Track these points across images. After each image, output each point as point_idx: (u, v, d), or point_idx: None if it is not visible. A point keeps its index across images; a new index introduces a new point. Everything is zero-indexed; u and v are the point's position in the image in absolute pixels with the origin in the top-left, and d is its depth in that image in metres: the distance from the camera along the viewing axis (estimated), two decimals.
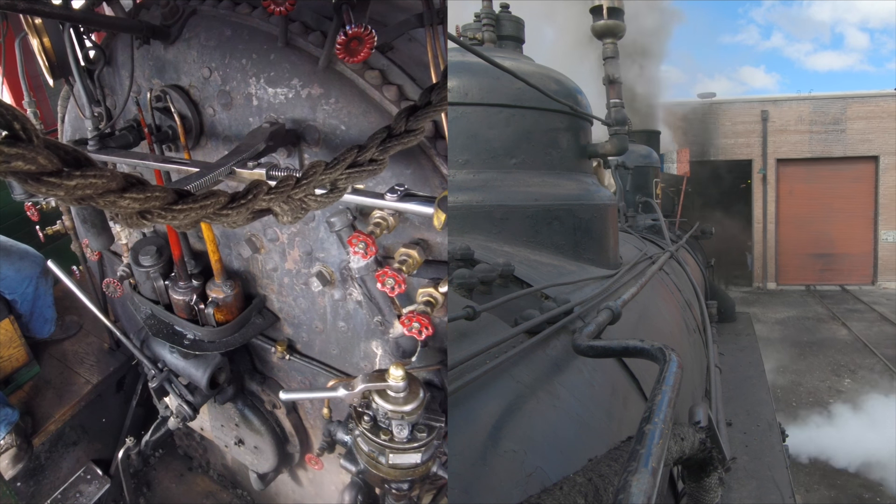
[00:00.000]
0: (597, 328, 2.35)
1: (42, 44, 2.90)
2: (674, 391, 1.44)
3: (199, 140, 2.95)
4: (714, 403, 4.02)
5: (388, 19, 2.66)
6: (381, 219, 2.46)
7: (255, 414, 3.81)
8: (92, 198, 1.01)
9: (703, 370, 4.82)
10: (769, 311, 16.87)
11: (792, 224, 20.60)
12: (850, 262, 20.27)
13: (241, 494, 5.02)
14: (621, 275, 3.86)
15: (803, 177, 20.39)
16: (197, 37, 2.78)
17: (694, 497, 1.96)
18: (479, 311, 2.16)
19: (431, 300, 2.48)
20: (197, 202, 1.17)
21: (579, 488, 1.35)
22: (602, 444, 1.92)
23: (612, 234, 4.49)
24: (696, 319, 5.51)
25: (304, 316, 3.20)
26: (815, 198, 20.40)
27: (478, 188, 3.92)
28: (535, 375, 2.08)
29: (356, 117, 2.49)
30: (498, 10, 5.04)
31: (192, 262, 3.26)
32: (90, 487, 4.67)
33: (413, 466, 2.55)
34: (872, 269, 20.10)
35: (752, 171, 20.67)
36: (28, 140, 0.90)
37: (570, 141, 4.34)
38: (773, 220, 20.69)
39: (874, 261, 20.05)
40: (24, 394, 4.53)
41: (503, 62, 3.41)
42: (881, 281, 19.87)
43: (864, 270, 20.21)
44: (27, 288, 4.43)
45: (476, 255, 2.88)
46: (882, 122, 19.35)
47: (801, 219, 20.53)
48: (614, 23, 4.63)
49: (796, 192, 20.54)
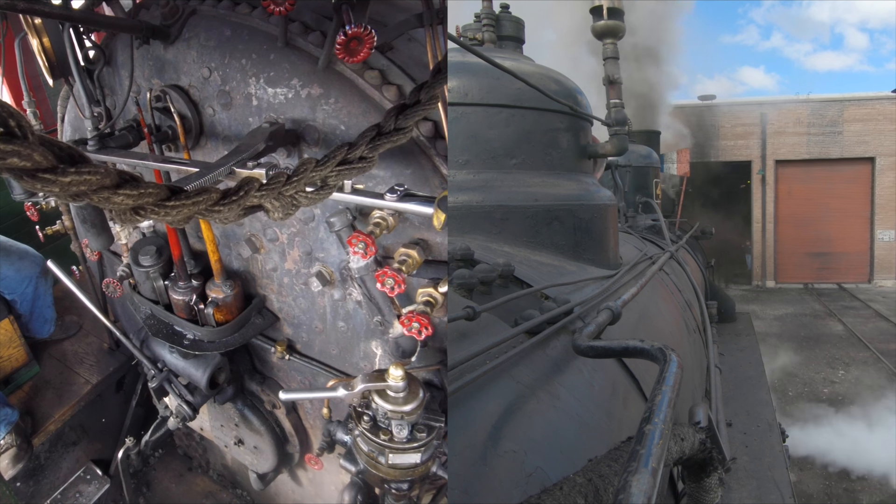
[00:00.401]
0: (597, 328, 2.35)
1: (42, 44, 2.89)
2: (674, 391, 1.44)
3: (198, 140, 2.94)
4: (714, 404, 4.02)
5: (388, 19, 2.66)
6: (381, 219, 2.46)
7: (254, 414, 3.81)
8: (86, 194, 1.02)
9: (704, 370, 4.82)
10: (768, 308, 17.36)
11: (790, 224, 21.08)
12: (847, 261, 20.77)
13: (241, 494, 5.01)
14: (621, 275, 3.86)
15: (801, 178, 20.89)
16: (197, 37, 2.78)
17: (694, 497, 1.96)
18: (480, 312, 2.16)
19: (431, 300, 2.48)
20: (189, 198, 1.18)
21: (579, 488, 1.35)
22: (602, 444, 1.92)
23: (612, 234, 4.49)
24: (696, 320, 5.51)
25: (304, 316, 3.20)
26: (812, 198, 20.90)
27: (478, 188, 3.92)
28: (535, 376, 2.08)
29: (356, 117, 2.48)
30: (498, 10, 5.04)
31: (191, 262, 3.26)
32: (90, 487, 4.67)
33: (413, 466, 2.55)
34: (869, 267, 20.64)
35: (752, 172, 21.13)
36: (23, 137, 0.91)
37: (570, 141, 4.34)
38: (772, 219, 21.18)
39: (871, 259, 20.59)
40: (24, 394, 4.53)
41: (503, 62, 3.41)
42: (877, 279, 20.43)
43: (860, 269, 20.75)
44: (27, 288, 4.43)
45: (476, 256, 2.88)
46: (878, 125, 19.84)
47: (799, 218, 20.99)
48: (614, 23, 4.64)
49: (794, 192, 21.03)
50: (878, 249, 20.39)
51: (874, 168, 20.20)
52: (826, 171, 20.63)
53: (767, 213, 21.13)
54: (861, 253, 20.71)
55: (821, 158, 20.51)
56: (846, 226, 20.66)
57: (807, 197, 20.93)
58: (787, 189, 21.07)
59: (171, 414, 3.84)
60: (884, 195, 20.22)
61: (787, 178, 21.03)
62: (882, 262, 20.30)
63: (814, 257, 21.03)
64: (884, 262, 20.28)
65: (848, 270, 20.78)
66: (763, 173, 20.89)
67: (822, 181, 20.75)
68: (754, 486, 4.40)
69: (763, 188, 21.10)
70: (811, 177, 20.79)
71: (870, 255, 20.57)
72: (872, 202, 20.46)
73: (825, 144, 20.35)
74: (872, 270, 20.54)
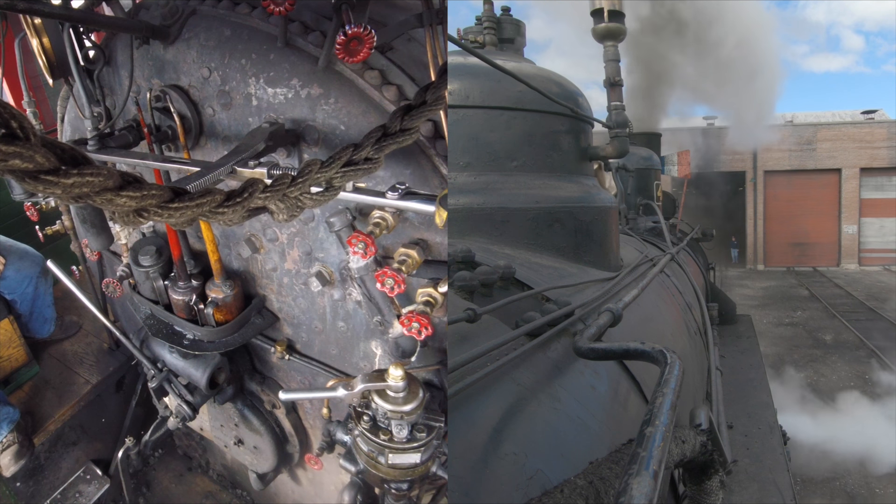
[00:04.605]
0: (598, 330, 2.34)
1: (42, 44, 2.89)
2: (675, 394, 1.43)
3: (198, 140, 2.94)
4: (715, 406, 4.01)
5: (387, 19, 2.65)
6: (381, 219, 2.46)
7: (254, 414, 3.80)
8: (89, 196, 1.01)
9: (704, 372, 4.81)
10: (757, 283, 24.34)
11: (776, 220, 27.88)
12: (820, 249, 27.60)
13: (241, 494, 5.01)
14: (622, 277, 3.85)
15: (784, 184, 27.63)
16: (196, 37, 2.77)
17: (695, 500, 1.95)
18: (480, 314, 2.16)
19: (431, 300, 2.47)
20: (193, 200, 1.17)
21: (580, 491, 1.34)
22: (603, 446, 1.91)
23: (612, 236, 4.48)
24: (696, 322, 5.50)
25: (304, 316, 3.20)
26: (793, 200, 27.65)
27: (479, 191, 3.91)
28: (535, 378, 2.07)
29: (356, 117, 2.48)
30: (499, 13, 5.04)
31: (191, 262, 3.25)
32: (90, 487, 4.66)
33: (412, 466, 2.54)
34: (837, 254, 27.45)
35: (746, 179, 27.98)
36: (25, 138, 0.90)
37: (570, 143, 4.33)
38: (762, 217, 28.01)
39: (839, 248, 27.41)
40: (24, 394, 4.53)
41: (504, 65, 3.40)
42: (843, 263, 27.21)
43: (830, 256, 27.54)
44: (27, 288, 4.42)
45: (477, 258, 2.87)
46: (844, 143, 26.85)
47: (782, 216, 27.70)
48: (615, 25, 4.64)
49: (779, 196, 27.80)
50: (844, 240, 27.22)
51: (841, 177, 27.07)
52: (804, 179, 27.41)
53: (758, 212, 27.90)
54: (831, 243, 27.47)
55: (800, 169, 27.24)
56: (819, 222, 27.34)
57: (789, 199, 27.65)
58: (773, 193, 27.87)
59: (170, 414, 3.83)
60: (848, 198, 27.07)
61: (773, 184, 27.81)
62: (847, 250, 27.24)
63: (794, 246, 27.80)
64: (848, 250, 27.22)
65: (821, 257, 27.50)
66: (755, 181, 27.69)
67: (801, 187, 27.51)
68: (755, 489, 4.38)
69: (755, 192, 27.89)
70: (792, 184, 27.48)
71: (838, 244, 27.35)
72: (840, 203, 27.21)
73: (803, 158, 27.16)
74: (840, 256, 27.33)
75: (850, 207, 27.05)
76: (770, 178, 27.65)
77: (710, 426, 1.86)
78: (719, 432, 2.15)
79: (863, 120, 28.72)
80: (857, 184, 26.93)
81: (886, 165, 26.48)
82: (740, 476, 4.51)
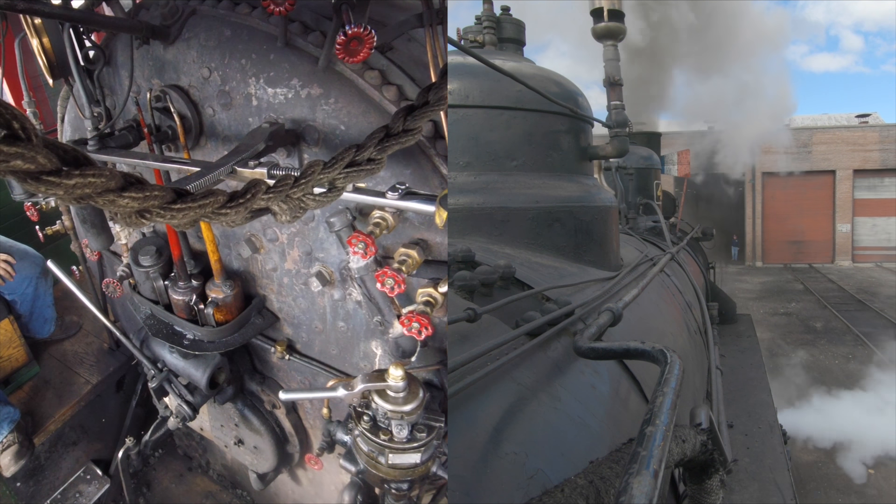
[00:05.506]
0: (598, 330, 2.35)
1: (42, 44, 2.89)
2: (675, 393, 1.43)
3: (198, 140, 2.94)
4: (715, 405, 4.02)
5: (387, 19, 2.65)
6: (381, 219, 2.46)
7: (254, 414, 3.80)
8: (91, 197, 1.01)
9: (705, 372, 4.81)
10: (755, 278, 25.73)
11: (774, 219, 29.44)
12: (816, 247, 29.07)
13: (241, 494, 5.01)
14: (622, 277, 3.85)
15: (782, 185, 28.93)
16: (196, 37, 2.77)
17: (695, 499, 1.95)
18: (480, 313, 2.16)
19: (431, 300, 2.47)
20: (196, 201, 1.16)
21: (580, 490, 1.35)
22: (603, 446, 1.91)
23: (613, 235, 4.48)
24: (697, 321, 5.50)
25: (304, 316, 3.20)
26: (790, 200, 29.04)
27: (479, 190, 3.91)
28: (535, 377, 2.07)
29: (356, 117, 2.48)
30: (499, 12, 5.04)
31: (191, 262, 3.25)
32: (90, 487, 4.66)
33: (413, 466, 2.54)
34: (832, 251, 28.90)
35: (745, 181, 29.01)
36: (27, 139, 0.90)
37: (570, 143, 4.33)
38: (760, 216, 29.50)
39: (833, 246, 28.86)
40: (24, 394, 4.53)
41: (504, 65, 3.40)
42: (837, 260, 28.61)
43: (825, 253, 29.00)
44: (27, 288, 4.43)
45: (477, 258, 2.87)
46: (838, 147, 28.27)
47: (780, 215, 29.22)
48: (615, 25, 4.64)
49: (777, 196, 29.27)
50: (838, 238, 28.72)
51: (835, 178, 28.51)
52: (800, 180, 28.58)
53: (756, 212, 29.47)
54: (826, 241, 28.94)
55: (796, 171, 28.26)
56: (815, 221, 28.86)
57: (786, 199, 29.07)
58: (771, 194, 29.35)
59: (171, 414, 3.83)
60: (842, 198, 28.57)
61: (771, 185, 29.26)
62: (840, 247, 28.76)
63: (791, 244, 29.35)
64: (842, 247, 28.73)
65: (816, 254, 28.95)
66: (754, 182, 29.11)
67: (797, 188, 28.84)
68: (756, 488, 4.38)
69: (753, 193, 29.38)
70: (789, 185, 28.72)
71: (832, 242, 28.83)
72: (834, 203, 28.69)
73: (799, 161, 28.25)
74: (834, 254, 28.81)
75: (844, 207, 28.64)
76: (768, 179, 29.13)
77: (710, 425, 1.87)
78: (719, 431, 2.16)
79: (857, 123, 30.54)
80: (850, 185, 28.46)
81: (878, 167, 27.93)
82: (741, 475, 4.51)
